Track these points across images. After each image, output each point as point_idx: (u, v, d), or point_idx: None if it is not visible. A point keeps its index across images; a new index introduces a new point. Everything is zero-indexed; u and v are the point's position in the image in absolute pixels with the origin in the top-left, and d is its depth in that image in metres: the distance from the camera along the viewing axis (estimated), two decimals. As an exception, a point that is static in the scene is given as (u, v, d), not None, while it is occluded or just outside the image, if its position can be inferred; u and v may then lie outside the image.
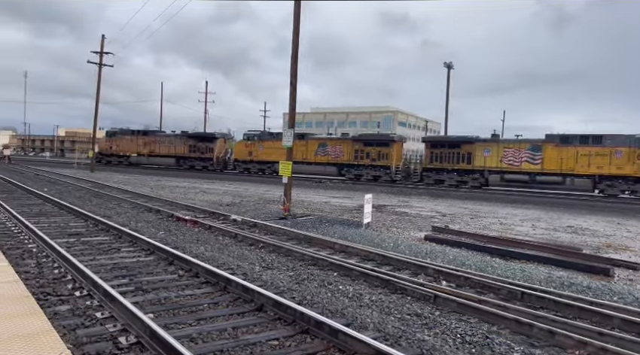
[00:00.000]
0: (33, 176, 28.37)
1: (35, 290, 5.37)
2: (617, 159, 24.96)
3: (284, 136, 15.21)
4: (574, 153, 26.26)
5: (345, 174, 35.06)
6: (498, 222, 14.52)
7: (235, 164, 40.88)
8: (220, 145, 42.29)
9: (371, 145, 33.89)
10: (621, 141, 25.27)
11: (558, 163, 26.64)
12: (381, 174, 33.32)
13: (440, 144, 31.97)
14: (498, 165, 28.85)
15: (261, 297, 5.28)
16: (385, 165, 33.08)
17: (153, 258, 7.54)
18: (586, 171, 25.83)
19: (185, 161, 43.13)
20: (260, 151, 38.35)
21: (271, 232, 10.75)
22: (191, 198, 18.54)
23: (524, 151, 28.10)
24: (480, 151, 29.73)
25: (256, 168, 38.93)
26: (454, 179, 30.81)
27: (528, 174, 27.73)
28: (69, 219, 11.52)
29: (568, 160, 26.38)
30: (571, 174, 26.33)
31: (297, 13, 14.40)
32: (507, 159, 28.55)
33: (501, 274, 7.40)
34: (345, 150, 34.78)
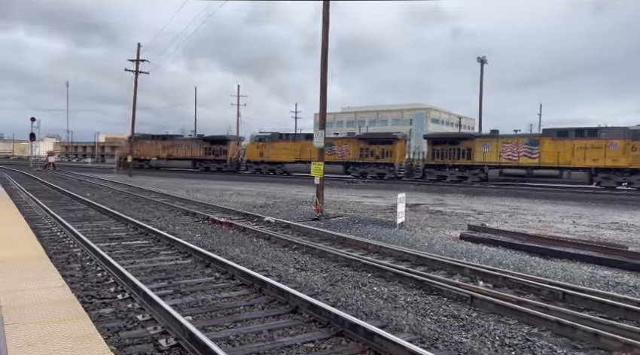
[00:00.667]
0: (76, 182, 29.57)
1: (80, 293, 5.60)
2: (612, 152, 25.00)
3: (316, 137, 15.25)
4: (570, 147, 26.36)
5: (351, 172, 35.75)
6: (537, 219, 14.10)
7: (247, 165, 42.39)
8: (234, 147, 44.26)
9: (375, 144, 34.76)
10: (616, 133, 25.22)
11: (555, 157, 26.84)
12: (385, 172, 34.06)
13: (441, 140, 32.54)
14: (497, 160, 29.25)
15: (296, 299, 5.32)
16: (389, 163, 33.84)
17: (191, 261, 7.72)
18: (583, 164, 25.93)
19: (201, 163, 44.91)
20: (271, 152, 39.84)
21: (304, 233, 10.81)
22: (226, 200, 18.87)
23: (522, 146, 28.36)
24: (479, 147, 30.13)
25: (267, 169, 40.26)
26: (455, 174, 31.23)
27: (526, 168, 28.08)
28: (110, 223, 11.95)
29: (565, 154, 26.54)
30: (568, 168, 26.49)
31: (326, 15, 14.43)
32: (505, 154, 28.92)
33: (540, 273, 7.19)
34: (351, 149, 35.64)
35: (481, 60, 43.32)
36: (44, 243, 8.51)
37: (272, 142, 39.99)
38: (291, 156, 38.56)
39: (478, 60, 43.42)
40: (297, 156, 38.24)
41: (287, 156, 38.92)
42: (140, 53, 39.24)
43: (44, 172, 41.90)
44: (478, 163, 30.10)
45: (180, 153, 46.47)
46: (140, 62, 39.22)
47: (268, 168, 40.20)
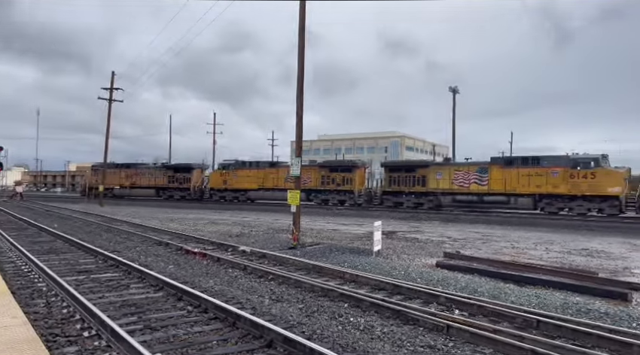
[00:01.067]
0: (44, 212, 28.66)
1: (44, 331, 5.34)
2: (553, 179, 26.60)
3: (292, 165, 15.26)
4: (516, 174, 27.81)
5: (313, 199, 36.42)
6: (510, 246, 14.31)
7: (211, 192, 42.48)
8: (197, 175, 44.14)
9: (336, 171, 35.41)
10: (557, 161, 26.91)
11: (503, 184, 28.23)
12: (345, 199, 34.90)
13: (397, 168, 33.70)
14: (449, 187, 30.32)
15: (270, 332, 5.20)
16: (349, 190, 34.62)
17: (163, 293, 7.50)
18: (527, 191, 27.41)
19: (165, 191, 44.81)
20: (235, 180, 40.08)
21: (280, 263, 10.67)
22: (200, 229, 18.56)
23: (473, 173, 29.61)
24: (433, 174, 31.24)
25: (231, 196, 40.70)
26: (411, 201, 32.21)
27: (476, 195, 29.28)
28: (79, 255, 11.55)
29: (512, 181, 27.98)
30: (514, 194, 27.85)
31: (302, 45, 14.69)
32: (457, 181, 30.00)
33: (515, 301, 7.24)
34: (312, 177, 36.12)
35: (453, 90, 44.66)
36: (7, 277, 8.17)
37: (236, 170, 40.29)
38: (255, 184, 39.07)
39: (450, 90, 44.75)
40: (261, 183, 38.70)
41: (250, 184, 39.34)
42: (114, 81, 39.01)
43: (11, 202, 40.50)
44: (432, 190, 31.05)
45: (143, 181, 46.25)
46: (114, 90, 38.92)
47: (232, 196, 40.63)
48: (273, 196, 37.33)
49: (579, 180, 25.63)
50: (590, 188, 25.32)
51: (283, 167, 38.32)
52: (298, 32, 14.73)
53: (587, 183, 25.34)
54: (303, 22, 14.69)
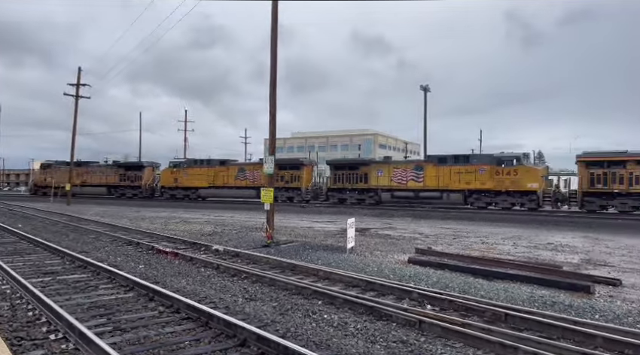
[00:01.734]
0: (7, 211, 27.63)
1: (9, 335, 5.16)
2: (480, 176, 28.45)
3: (265, 163, 15.22)
4: (448, 172, 29.58)
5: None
6: (480, 241, 14.65)
7: (162, 190, 43.28)
8: (148, 173, 44.93)
9: (285, 169, 36.32)
10: (484, 159, 29.04)
11: (436, 180, 30.01)
12: (294, 195, 36.09)
13: (342, 166, 35.13)
14: (389, 184, 32.04)
15: (244, 331, 5.17)
16: (297, 187, 35.84)
17: (133, 294, 7.35)
18: (458, 187, 29.22)
19: (116, 189, 45.32)
20: (185, 178, 41.09)
21: (254, 261, 10.62)
22: (172, 228, 18.26)
23: (409, 171, 31.44)
24: (374, 172, 32.86)
25: (181, 194, 41.63)
26: (354, 197, 33.77)
27: (413, 191, 31.03)
28: (45, 256, 11.19)
29: (444, 178, 29.74)
30: (446, 190, 29.66)
31: (274, 45, 14.61)
32: (396, 178, 31.82)
33: (484, 295, 7.43)
34: (262, 174, 36.29)
35: (424, 88, 45.27)
36: (-32, 280, 7.83)
37: (187, 168, 41.28)
38: (205, 182, 39.92)
39: (421, 88, 45.35)
40: (211, 181, 39.60)
41: (201, 182, 40.26)
42: (81, 76, 37.88)
43: (-29, 202, 38.83)
44: (373, 187, 32.71)
45: (95, 179, 46.58)
46: (81, 86, 37.80)
47: (182, 194, 41.48)
48: (222, 194, 39.06)
49: (503, 177, 27.63)
50: (513, 184, 27.27)
51: (233, 165, 39.70)
52: (271, 32, 14.66)
53: (510, 179, 27.37)
54: (275, 21, 14.60)
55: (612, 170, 24.96)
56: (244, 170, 38.97)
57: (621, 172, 24.70)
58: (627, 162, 24.70)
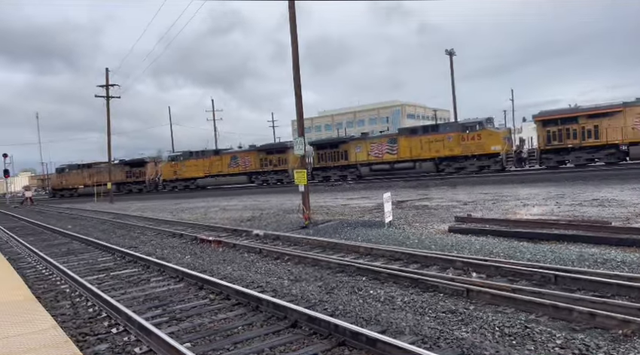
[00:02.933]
0: (56, 214, 28.95)
1: (73, 332, 5.46)
2: (449, 143, 29.94)
3: (295, 145, 15.23)
4: (419, 142, 31.26)
5: (254, 180, 40.16)
6: (520, 204, 14.32)
7: (163, 184, 46.14)
8: (151, 168, 47.73)
9: (273, 153, 38.81)
10: (451, 128, 30.52)
11: (409, 151, 31.66)
12: (282, 177, 38.08)
13: (324, 145, 37.07)
14: (367, 159, 33.81)
15: (294, 313, 5.28)
16: (284, 170, 37.88)
17: (183, 284, 7.61)
18: (429, 155, 30.83)
19: (124, 186, 48.97)
20: (183, 170, 44.12)
21: (294, 243, 10.77)
22: (212, 217, 18.70)
23: (385, 144, 33.08)
24: (353, 148, 34.68)
25: (182, 185, 44.44)
26: (337, 174, 35.65)
27: (389, 163, 32.63)
28: (97, 254, 11.71)
29: (416, 148, 31.38)
30: (419, 159, 31.28)
31: (293, 19, 14.44)
32: (373, 153, 33.48)
33: (531, 258, 7.30)
34: (252, 160, 39.82)
35: (449, 53, 43.94)
36: (30, 283, 8.30)
37: (184, 160, 44.22)
38: (201, 172, 42.75)
39: (447, 53, 44.04)
40: (207, 171, 42.24)
41: (197, 172, 43.12)
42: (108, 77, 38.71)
43: (22, 208, 40.91)
44: (353, 162, 34.53)
45: (105, 178, 48.02)
46: (110, 86, 38.68)
47: (182, 185, 44.24)
48: (218, 182, 41.63)
49: (469, 142, 29.13)
50: (478, 148, 28.76)
51: (226, 154, 42.33)
52: (289, 10, 14.45)
53: (475, 144, 28.85)
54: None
55: (566, 126, 26.01)
56: (236, 157, 41.30)
57: (574, 128, 25.75)
58: (579, 117, 25.69)
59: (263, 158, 39.45)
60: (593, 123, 25.30)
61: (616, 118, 24.73)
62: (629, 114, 24.50)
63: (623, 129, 24.33)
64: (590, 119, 25.43)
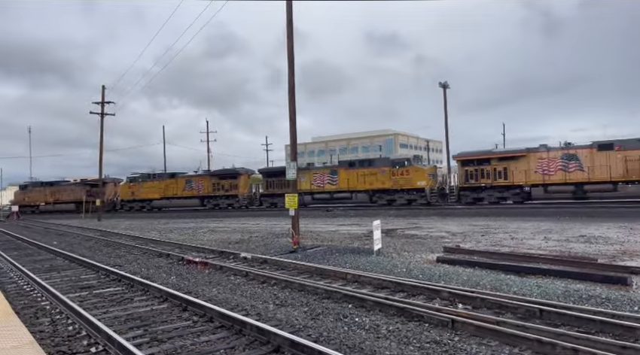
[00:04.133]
0: (42, 230, 28.53)
1: (51, 350, 5.35)
2: (381, 177, 32.68)
3: (287, 169, 15.31)
4: (356, 175, 33.93)
5: (206, 204, 42.17)
6: (509, 237, 14.40)
7: (121, 203, 48.40)
8: (110, 188, 49.73)
9: (225, 179, 41.11)
10: (384, 162, 33.31)
11: (347, 183, 34.33)
12: (232, 202, 40.36)
13: (271, 174, 39.57)
14: (310, 188, 36.40)
15: (277, 337, 5.23)
16: (234, 195, 40.37)
17: (167, 305, 7.50)
18: (364, 187, 33.46)
19: (81, 205, 48.82)
20: (141, 191, 46.38)
21: (282, 267, 10.70)
22: (200, 238, 18.54)
23: (326, 175, 35.78)
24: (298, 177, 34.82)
25: (138, 206, 46.77)
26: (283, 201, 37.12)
27: (329, 193, 35.62)
28: (80, 271, 11.52)
29: (353, 180, 34.03)
30: (355, 191, 33.84)
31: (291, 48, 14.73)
32: (315, 183, 36.23)
33: (517, 291, 7.31)
34: (205, 185, 41.83)
35: (443, 85, 44.78)
36: (10, 298, 8.14)
37: (142, 182, 46.50)
38: (157, 194, 45.10)
39: (440, 85, 44.88)
40: (162, 193, 44.51)
41: (154, 194, 45.37)
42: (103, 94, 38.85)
43: (9, 222, 40.27)
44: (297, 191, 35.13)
45: (65, 197, 51.51)
46: (105, 103, 38.78)
47: (139, 205, 46.48)
48: (172, 204, 43.85)
49: (398, 177, 31.77)
50: (406, 182, 31.38)
51: (181, 178, 44.53)
52: (286, 32, 14.70)
53: (404, 179, 31.49)
54: (290, 22, 14.67)
55: (481, 167, 29.02)
56: (191, 181, 43.48)
57: (487, 168, 28.75)
58: (491, 159, 28.74)
59: (215, 183, 41.61)
60: (503, 165, 28.25)
61: (521, 162, 27.66)
62: (532, 159, 27.38)
63: (527, 172, 27.35)
64: (501, 161, 28.39)
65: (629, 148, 24.51)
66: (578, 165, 25.97)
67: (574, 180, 25.93)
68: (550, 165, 26.83)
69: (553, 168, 26.73)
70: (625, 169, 24.30)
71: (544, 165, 26.99)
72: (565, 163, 26.43)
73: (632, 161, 24.04)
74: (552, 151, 27.08)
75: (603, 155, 25.16)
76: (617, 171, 24.54)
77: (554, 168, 26.68)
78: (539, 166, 27.09)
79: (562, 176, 26.38)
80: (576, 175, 25.91)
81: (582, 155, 25.93)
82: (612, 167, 24.70)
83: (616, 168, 24.62)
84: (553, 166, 26.76)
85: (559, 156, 26.69)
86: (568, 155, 26.40)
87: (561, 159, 26.60)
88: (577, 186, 25.93)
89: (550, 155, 26.97)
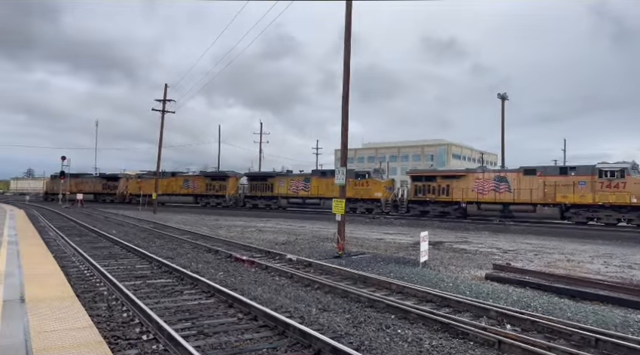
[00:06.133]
0: (103, 218, 30.22)
1: (107, 334, 5.68)
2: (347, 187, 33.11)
3: (337, 174, 15.38)
4: (326, 183, 36.84)
5: (199, 202, 46.90)
6: (564, 258, 13.72)
7: (130, 197, 54.17)
8: (123, 183, 56.55)
9: (216, 180, 46.02)
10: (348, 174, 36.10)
11: (318, 190, 37.98)
12: (221, 202, 45.25)
13: (255, 178, 44.47)
14: (286, 193, 40.65)
15: (319, 342, 5.28)
16: (223, 194, 45.20)
17: (214, 300, 7.76)
18: (332, 195, 33.95)
19: (100, 196, 57.89)
20: (146, 187, 50.88)
21: (326, 272, 10.76)
22: (248, 237, 18.97)
23: (301, 182, 39.63)
24: (277, 183, 41.50)
25: (144, 200, 50.04)
26: (263, 203, 42.49)
27: (302, 198, 39.41)
28: (135, 261, 12.13)
29: (323, 188, 37.42)
30: (324, 198, 36.65)
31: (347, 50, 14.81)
32: (292, 188, 40.23)
33: (571, 317, 6.96)
34: (199, 184, 46.01)
35: (502, 96, 43.39)
36: (72, 281, 8.69)
37: (148, 179, 51.40)
38: (159, 190, 47.78)
39: (499, 96, 43.51)
40: (164, 190, 48.85)
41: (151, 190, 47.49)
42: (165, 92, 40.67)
43: (72, 209, 42.95)
44: (276, 195, 41.32)
45: (86, 188, 58.67)
46: (167, 101, 40.57)
47: (144, 200, 49.91)
48: (171, 200, 49.14)
49: (359, 188, 35.44)
50: (365, 193, 35.14)
51: (180, 177, 49.99)
52: (344, 35, 14.76)
53: (364, 189, 35.17)
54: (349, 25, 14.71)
55: (428, 183, 32.15)
56: (187, 180, 48.37)
57: (433, 185, 31.95)
58: (437, 177, 32.23)
59: (208, 183, 46.06)
60: (446, 183, 31.36)
61: (462, 181, 30.77)
62: (470, 179, 30.40)
63: (464, 190, 30.39)
64: (445, 179, 31.66)
65: (548, 174, 27.22)
66: (507, 187, 28.79)
67: (503, 200, 28.86)
68: (485, 186, 29.86)
69: (486, 188, 29.74)
70: (543, 193, 27.04)
71: (479, 185, 29.97)
72: (496, 184, 29.36)
73: (549, 186, 26.77)
74: (487, 173, 30.38)
75: (527, 179, 27.84)
76: (538, 194, 27.31)
77: (488, 188, 29.71)
78: (475, 186, 30.12)
79: (493, 196, 29.44)
80: (504, 196, 28.84)
81: (511, 178, 28.71)
82: (533, 190, 27.44)
83: (537, 192, 27.34)
84: (487, 186, 29.79)
85: (492, 178, 29.68)
86: (500, 177, 29.33)
87: (493, 181, 29.54)
88: (505, 205, 28.70)
89: (485, 176, 30.02)
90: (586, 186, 25.47)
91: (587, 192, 25.37)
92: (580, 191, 25.59)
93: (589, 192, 25.32)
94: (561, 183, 26.24)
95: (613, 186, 24.66)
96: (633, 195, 23.97)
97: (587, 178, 25.60)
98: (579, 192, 25.59)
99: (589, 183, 25.42)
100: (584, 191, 25.47)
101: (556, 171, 27.12)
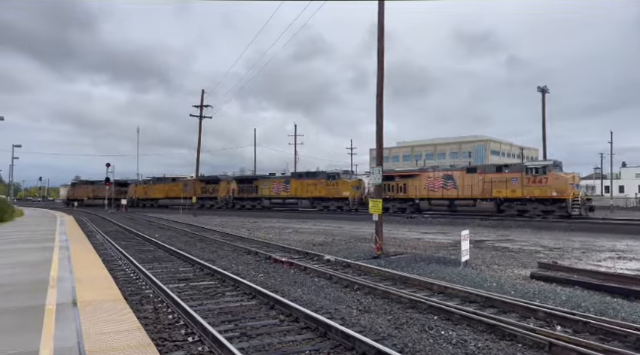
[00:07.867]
0: (146, 223, 31.20)
1: (154, 336, 5.84)
2: (320, 187, 39.72)
3: (372, 174, 15.24)
4: (302, 184, 40.90)
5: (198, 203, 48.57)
6: (616, 256, 13.09)
7: (137, 201, 59.88)
8: (132, 189, 62.80)
9: (210, 183, 50.46)
10: (322, 175, 40.12)
11: (295, 191, 41.44)
12: (214, 203, 49.57)
13: (242, 180, 48.68)
14: (269, 194, 44.21)
15: (362, 344, 5.24)
16: (215, 197, 49.69)
17: (255, 302, 7.85)
18: (307, 195, 40.68)
19: (112, 201, 59.60)
20: (151, 191, 58.59)
21: (365, 273, 10.69)
22: (285, 238, 19.12)
23: (281, 184, 43.25)
24: (262, 185, 45.21)
25: (149, 204, 58.67)
26: (249, 204, 46.30)
27: (282, 199, 42.92)
28: (178, 264, 12.44)
29: (300, 189, 41.08)
30: (301, 197, 41.07)
31: (381, 48, 14.67)
32: (274, 190, 43.79)
33: (626, 317, 6.62)
34: (196, 188, 47.81)
35: (542, 89, 41.91)
36: (120, 284, 9.00)
37: (153, 184, 58.45)
38: (162, 194, 56.30)
39: (539, 89, 42.06)
40: (166, 194, 55.14)
41: (160, 194, 56.67)
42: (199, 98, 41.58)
43: (117, 214, 44.58)
44: (260, 196, 44.93)
45: (101, 193, 62.06)
46: (204, 107, 41.45)
47: (150, 203, 57.99)
48: (172, 203, 53.14)
49: (330, 187, 38.83)
50: (336, 192, 38.56)
51: (180, 182, 55.07)
52: (378, 33, 14.61)
53: (334, 189, 38.68)
54: (382, 26, 14.57)
55: (388, 182, 33.66)
56: (187, 185, 51.95)
57: (392, 184, 34.55)
58: (395, 176, 35.11)
59: (203, 187, 50.01)
60: (403, 182, 34.22)
61: (416, 179, 33.48)
62: (423, 178, 33.04)
63: (417, 188, 33.13)
64: (401, 178, 34.61)
65: (487, 172, 29.83)
66: (453, 184, 31.24)
67: (449, 196, 31.46)
68: (435, 183, 32.43)
69: (437, 185, 32.29)
70: (482, 189, 29.57)
71: (430, 183, 32.56)
72: (444, 182, 31.89)
73: (487, 182, 29.38)
74: (437, 172, 32.79)
75: (469, 177, 30.39)
76: (478, 190, 29.83)
77: (437, 185, 32.26)
78: (427, 184, 32.78)
79: (441, 192, 32.03)
80: (451, 192, 31.34)
81: (456, 176, 31.24)
82: (474, 187, 29.99)
83: (476, 188, 29.88)
84: (437, 184, 32.33)
85: (440, 176, 32.16)
86: (447, 175, 31.86)
87: (442, 179, 32.08)
88: (451, 200, 31.36)
89: (435, 175, 32.53)
90: (517, 182, 28.14)
91: (518, 188, 28.13)
92: (512, 186, 28.43)
93: (519, 187, 28.06)
94: (497, 179, 28.94)
95: (537, 181, 27.37)
96: (554, 190, 26.66)
97: (518, 175, 28.14)
98: (511, 188, 28.43)
99: (519, 179, 28.01)
100: (515, 186, 28.26)
101: (493, 169, 29.95)
